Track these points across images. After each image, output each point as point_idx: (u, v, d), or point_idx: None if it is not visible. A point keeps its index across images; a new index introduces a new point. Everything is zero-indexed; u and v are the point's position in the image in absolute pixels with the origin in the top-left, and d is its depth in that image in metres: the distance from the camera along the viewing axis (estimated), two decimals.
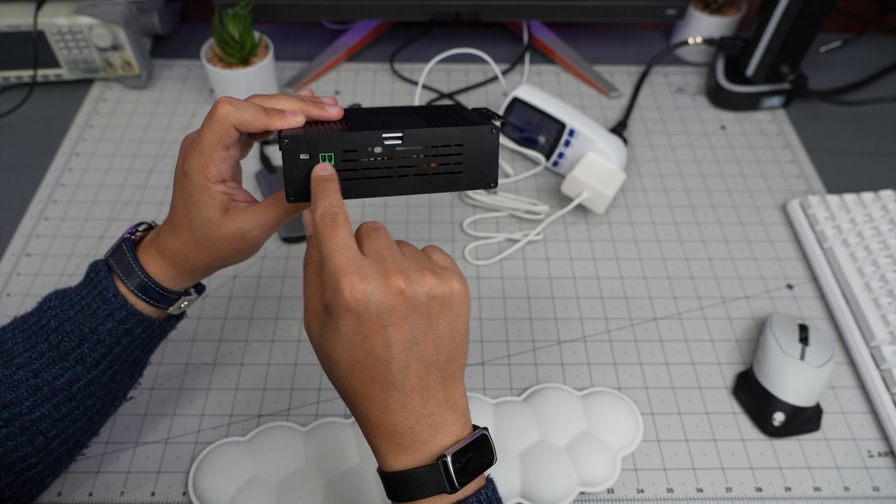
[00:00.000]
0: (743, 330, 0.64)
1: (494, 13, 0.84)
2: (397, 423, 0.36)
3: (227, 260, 0.43)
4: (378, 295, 0.34)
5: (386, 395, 0.35)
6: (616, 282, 0.68)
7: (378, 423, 0.36)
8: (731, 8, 0.88)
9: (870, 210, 0.69)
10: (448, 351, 0.37)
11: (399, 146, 0.39)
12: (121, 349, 0.44)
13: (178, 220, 0.42)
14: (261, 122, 0.39)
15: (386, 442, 0.36)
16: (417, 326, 0.35)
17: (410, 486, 0.35)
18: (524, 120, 0.76)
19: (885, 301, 0.62)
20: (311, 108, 0.41)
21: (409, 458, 0.36)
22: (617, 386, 0.60)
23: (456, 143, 0.40)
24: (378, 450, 0.37)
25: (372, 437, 0.37)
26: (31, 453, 0.43)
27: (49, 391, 0.42)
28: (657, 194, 0.76)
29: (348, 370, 0.35)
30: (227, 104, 0.39)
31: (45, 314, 0.43)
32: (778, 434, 0.57)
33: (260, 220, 0.41)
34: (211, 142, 0.39)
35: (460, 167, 0.40)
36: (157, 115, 0.82)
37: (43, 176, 0.75)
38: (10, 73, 0.80)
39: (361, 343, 0.34)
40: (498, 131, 0.40)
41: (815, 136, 0.83)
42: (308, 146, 0.38)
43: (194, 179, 0.40)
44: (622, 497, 0.54)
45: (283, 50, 0.90)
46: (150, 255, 0.44)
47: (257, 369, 0.60)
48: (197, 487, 0.52)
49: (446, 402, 0.37)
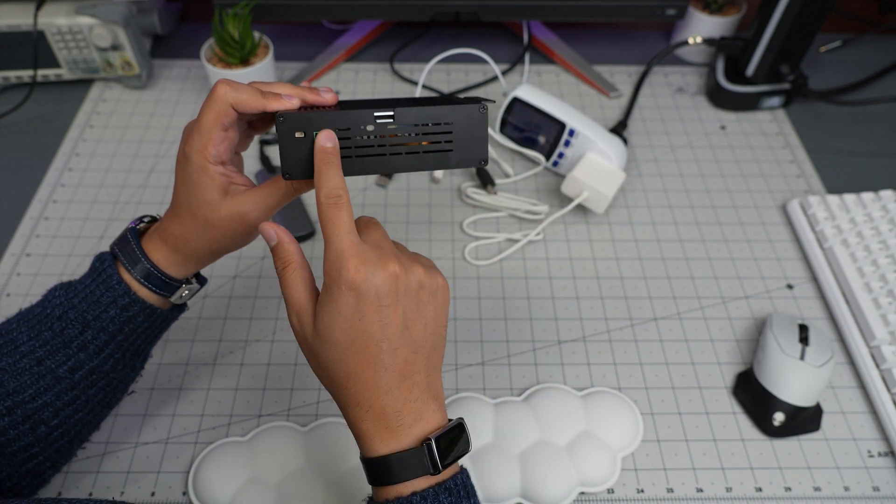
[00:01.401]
0: (743, 330, 0.64)
1: (494, 13, 0.84)
2: (386, 406, 0.37)
3: (227, 244, 0.44)
4: (377, 277, 0.36)
5: (377, 377, 0.37)
6: (616, 282, 0.68)
7: (368, 405, 0.37)
8: (731, 8, 0.88)
9: (870, 210, 0.69)
10: (432, 339, 0.39)
11: (390, 124, 0.40)
12: (123, 337, 0.45)
13: (179, 204, 0.43)
14: (257, 102, 0.40)
15: (373, 426, 0.38)
16: (409, 310, 0.37)
17: (396, 469, 0.37)
18: (524, 120, 0.76)
19: (885, 301, 0.62)
20: (307, 94, 0.42)
21: (395, 442, 0.37)
22: (617, 386, 0.60)
23: (445, 122, 0.41)
24: (365, 435, 0.38)
25: (359, 423, 0.38)
26: (32, 443, 0.43)
27: (52, 379, 0.43)
28: (657, 194, 0.76)
29: (345, 349, 0.37)
30: (225, 85, 0.40)
31: (50, 304, 0.44)
32: (778, 434, 0.57)
33: (258, 202, 0.42)
34: (209, 121, 0.40)
35: (451, 145, 0.42)
36: (157, 115, 0.82)
37: (43, 176, 0.75)
38: (10, 73, 0.81)
39: (359, 322, 0.36)
40: (486, 110, 0.42)
41: (815, 136, 0.83)
42: (303, 124, 0.39)
43: (193, 160, 0.41)
44: (622, 497, 0.54)
45: (283, 50, 0.90)
46: (153, 243, 0.45)
47: (257, 369, 0.60)
48: (197, 487, 0.52)
49: (429, 390, 0.39)
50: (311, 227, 0.70)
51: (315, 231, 0.70)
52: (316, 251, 0.69)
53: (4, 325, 0.45)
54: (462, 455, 0.39)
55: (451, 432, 0.39)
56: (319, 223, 0.37)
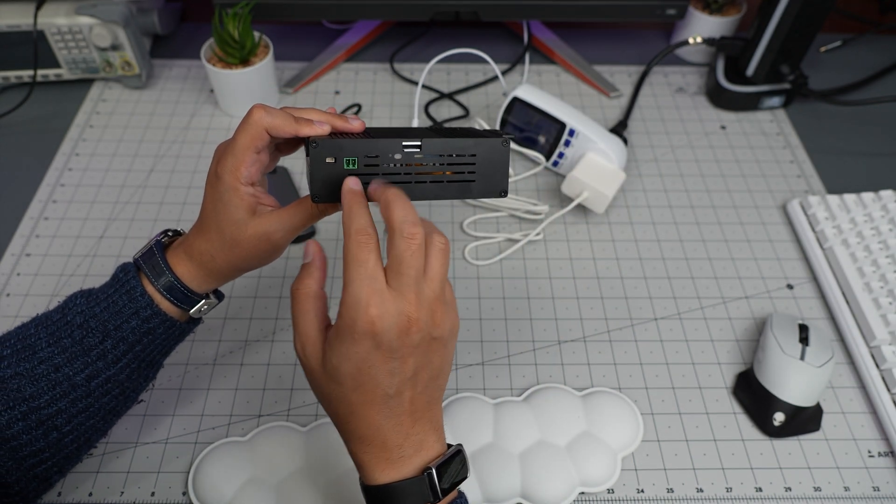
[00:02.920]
0: (743, 330, 0.64)
1: (494, 13, 0.84)
2: (388, 441, 0.39)
3: (251, 262, 0.45)
4: (393, 332, 0.36)
5: (381, 416, 0.38)
6: (616, 282, 0.68)
7: (370, 440, 0.39)
8: (731, 8, 0.88)
9: (870, 210, 0.69)
10: (437, 381, 0.41)
11: (417, 154, 0.42)
12: (141, 348, 0.46)
13: (207, 221, 0.44)
14: (291, 128, 0.41)
15: (374, 458, 0.39)
16: (418, 362, 0.38)
17: (396, 498, 0.38)
18: (524, 120, 0.76)
19: (885, 301, 0.62)
20: (336, 120, 0.43)
21: (395, 472, 0.39)
22: (617, 386, 0.60)
23: (470, 154, 0.43)
24: (365, 465, 0.39)
25: (360, 454, 0.39)
26: (43, 448, 0.44)
27: (68, 386, 0.44)
28: (657, 194, 0.76)
29: (350, 390, 0.38)
30: (261, 109, 0.41)
31: (71, 311, 0.45)
32: (778, 434, 0.57)
33: (284, 223, 0.43)
34: (244, 144, 0.41)
35: (473, 176, 0.44)
36: (156, 115, 0.82)
37: (43, 176, 0.75)
38: (10, 73, 0.80)
39: (369, 369, 0.37)
40: (508, 144, 0.43)
41: (815, 136, 0.83)
42: (334, 150, 0.41)
43: (226, 180, 0.42)
44: (622, 497, 0.54)
45: (283, 50, 0.90)
46: (177, 257, 0.46)
47: (257, 369, 0.60)
48: (197, 487, 0.52)
49: (430, 423, 0.40)
50: (311, 228, 0.70)
51: (315, 231, 0.70)
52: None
53: (22, 329, 0.45)
54: (461, 481, 0.40)
55: (451, 460, 0.40)
56: (343, 259, 0.37)
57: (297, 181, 0.74)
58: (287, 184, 0.73)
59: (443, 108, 0.85)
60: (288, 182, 0.73)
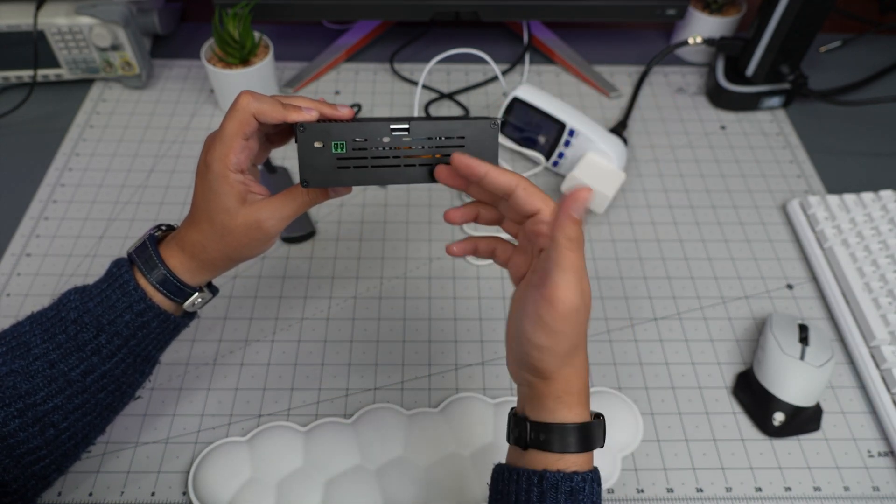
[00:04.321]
0: (743, 330, 0.64)
1: (494, 13, 0.84)
2: (585, 383, 0.40)
3: (243, 251, 0.45)
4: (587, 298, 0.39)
5: (584, 357, 0.41)
6: (616, 282, 0.68)
7: (578, 378, 0.40)
8: (731, 8, 0.88)
9: (870, 210, 0.69)
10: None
11: (405, 137, 0.42)
12: (136, 342, 0.46)
13: (198, 212, 0.44)
14: (278, 113, 0.41)
15: (575, 397, 0.40)
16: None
17: (594, 434, 0.40)
18: (524, 120, 0.76)
19: (885, 301, 0.62)
20: (325, 107, 0.44)
21: (584, 412, 0.40)
22: (617, 386, 0.60)
23: (458, 136, 0.43)
24: (564, 403, 0.39)
25: (563, 394, 0.39)
26: (40, 445, 0.44)
27: (64, 382, 0.44)
28: (657, 194, 0.76)
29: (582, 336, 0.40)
30: (248, 95, 0.41)
31: (65, 307, 0.45)
32: (778, 434, 0.57)
33: (275, 211, 0.44)
34: (232, 130, 0.42)
35: None
36: (157, 115, 0.82)
37: (43, 176, 0.75)
38: (10, 73, 0.81)
39: (584, 322, 0.39)
40: (497, 126, 0.43)
41: (815, 136, 0.83)
42: (322, 135, 0.41)
43: (214, 168, 0.42)
44: (622, 497, 0.54)
45: (283, 50, 0.90)
46: (170, 249, 0.46)
47: (257, 369, 0.60)
48: (197, 487, 0.52)
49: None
50: (311, 228, 0.70)
51: (315, 231, 0.70)
52: (316, 251, 0.69)
53: (17, 327, 0.45)
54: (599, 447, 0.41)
55: (601, 419, 0.41)
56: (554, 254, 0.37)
57: (297, 181, 0.74)
58: (287, 184, 0.73)
59: (443, 109, 0.85)
60: (288, 182, 0.73)
